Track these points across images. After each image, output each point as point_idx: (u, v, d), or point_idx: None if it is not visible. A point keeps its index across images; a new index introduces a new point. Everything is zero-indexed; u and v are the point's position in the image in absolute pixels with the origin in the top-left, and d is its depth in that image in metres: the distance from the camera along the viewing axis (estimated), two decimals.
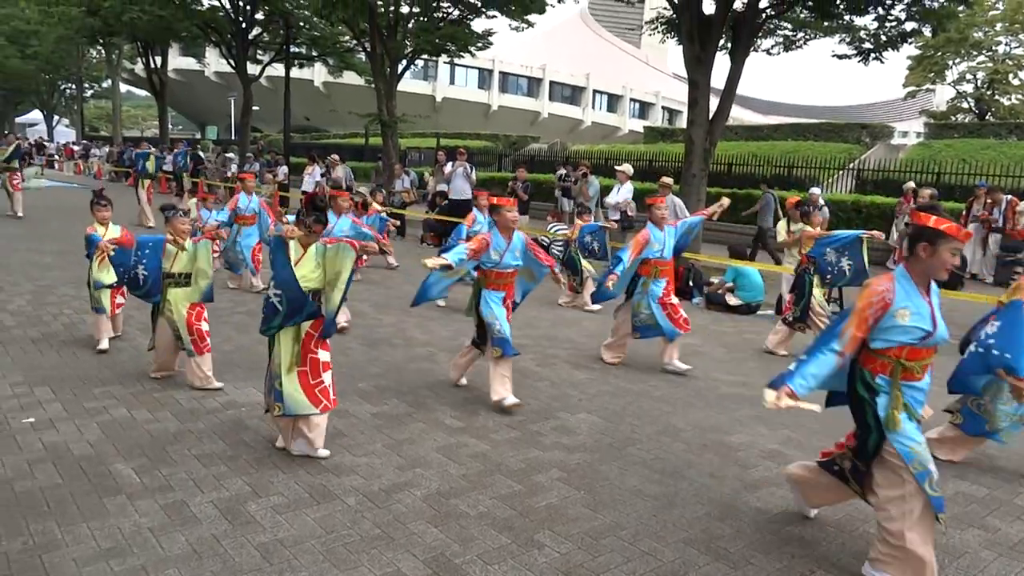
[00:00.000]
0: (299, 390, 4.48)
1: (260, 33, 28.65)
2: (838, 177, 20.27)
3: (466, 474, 4.53)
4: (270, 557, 3.51)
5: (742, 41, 13.63)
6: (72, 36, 32.43)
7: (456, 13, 20.87)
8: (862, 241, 7.45)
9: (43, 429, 4.94)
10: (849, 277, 7.49)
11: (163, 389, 5.85)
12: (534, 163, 25.78)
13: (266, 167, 24.56)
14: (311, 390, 4.52)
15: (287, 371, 4.50)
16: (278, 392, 4.50)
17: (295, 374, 4.51)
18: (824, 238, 7.69)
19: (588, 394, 6.25)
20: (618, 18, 79.63)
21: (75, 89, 52.38)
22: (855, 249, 7.44)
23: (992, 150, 23.29)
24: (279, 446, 4.75)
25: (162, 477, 4.30)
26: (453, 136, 37.42)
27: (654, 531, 3.92)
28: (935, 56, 37.70)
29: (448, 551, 3.63)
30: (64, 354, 6.69)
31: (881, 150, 26.82)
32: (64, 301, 8.73)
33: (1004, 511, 4.34)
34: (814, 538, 3.90)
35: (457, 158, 16.04)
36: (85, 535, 3.63)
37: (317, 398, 4.53)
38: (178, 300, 5.88)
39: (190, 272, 5.93)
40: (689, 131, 13.86)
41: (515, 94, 65.40)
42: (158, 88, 32.78)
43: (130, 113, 77.26)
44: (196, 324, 5.87)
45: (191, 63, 49.60)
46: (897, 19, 14.23)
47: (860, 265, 7.38)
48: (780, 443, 5.27)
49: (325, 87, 54.96)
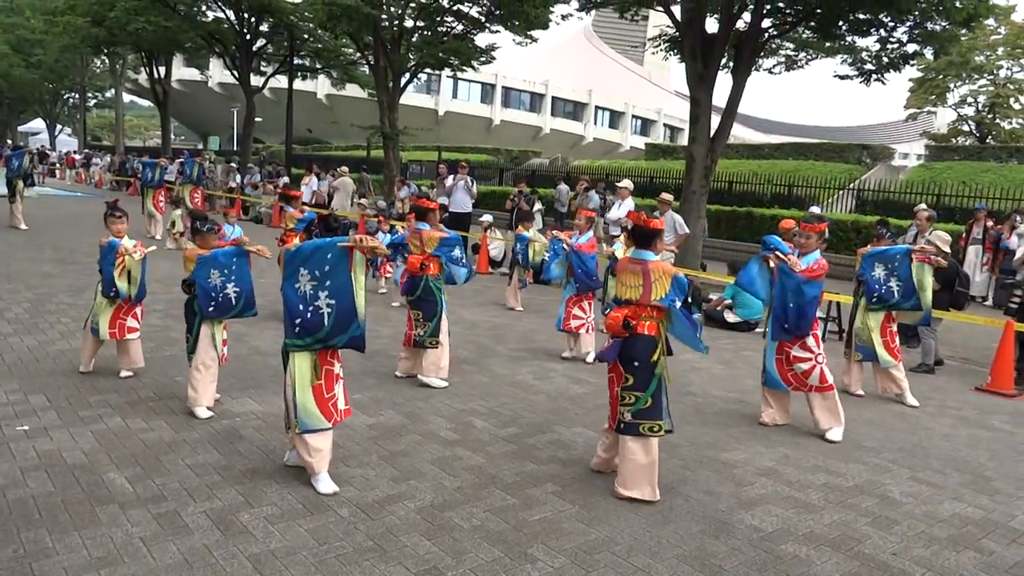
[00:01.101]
0: (314, 404, 4.33)
1: (264, 45, 28.85)
2: (838, 197, 20.34)
3: (460, 487, 4.51)
4: (262, 568, 3.49)
5: (744, 60, 13.70)
6: (76, 46, 32.60)
7: (460, 27, 21.02)
8: (911, 257, 6.87)
9: (37, 437, 4.92)
10: (897, 299, 6.90)
11: (159, 399, 5.84)
12: (535, 177, 25.87)
13: (267, 178, 24.67)
14: (325, 404, 4.38)
15: (305, 387, 4.32)
16: (296, 408, 4.33)
17: (312, 389, 4.35)
18: (874, 251, 7.18)
19: (585, 408, 6.23)
20: (621, 35, 79.93)
21: (78, 98, 52.65)
22: (904, 265, 6.85)
23: (992, 173, 23.40)
24: (289, 463, 4.65)
25: (155, 486, 4.28)
26: (455, 150, 37.60)
27: (648, 547, 3.89)
28: (936, 79, 37.93)
29: (441, 564, 3.61)
30: (60, 362, 6.68)
31: (882, 171, 26.94)
32: (62, 310, 8.72)
33: (1000, 533, 4.31)
34: (808, 557, 3.88)
35: (458, 171, 16.09)
36: (76, 544, 3.61)
37: (329, 412, 4.41)
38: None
39: None
40: (690, 148, 13.91)
41: (517, 109, 65.69)
42: (161, 98, 32.97)
43: (133, 123, 77.62)
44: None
45: (195, 74, 49.89)
46: (899, 41, 14.32)
47: (909, 286, 6.83)
48: (776, 461, 5.25)
49: (328, 99, 55.19)
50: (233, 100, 48.91)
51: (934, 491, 4.89)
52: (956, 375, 8.32)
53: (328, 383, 4.40)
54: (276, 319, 8.59)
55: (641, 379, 4.41)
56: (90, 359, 6.41)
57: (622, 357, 4.46)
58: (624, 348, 4.46)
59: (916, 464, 5.37)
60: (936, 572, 3.81)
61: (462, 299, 10.24)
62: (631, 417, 4.42)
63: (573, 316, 7.85)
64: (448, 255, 6.62)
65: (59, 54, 37.63)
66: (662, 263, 4.48)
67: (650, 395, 4.41)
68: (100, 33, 27.79)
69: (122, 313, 6.26)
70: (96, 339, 6.30)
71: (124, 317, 6.27)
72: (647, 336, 4.42)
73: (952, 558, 3.97)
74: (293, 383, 4.33)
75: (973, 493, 4.90)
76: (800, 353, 5.86)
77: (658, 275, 4.38)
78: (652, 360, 4.40)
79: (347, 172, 20.38)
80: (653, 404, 4.41)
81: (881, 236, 7.25)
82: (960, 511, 4.60)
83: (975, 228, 13.51)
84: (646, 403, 4.40)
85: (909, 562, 3.90)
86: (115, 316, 6.23)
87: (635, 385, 4.41)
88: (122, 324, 6.27)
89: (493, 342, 8.47)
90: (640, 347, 4.42)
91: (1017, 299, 8.03)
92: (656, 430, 4.41)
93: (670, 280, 4.38)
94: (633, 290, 4.44)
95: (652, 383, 4.41)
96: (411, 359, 6.75)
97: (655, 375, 4.41)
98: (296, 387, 4.31)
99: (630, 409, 4.42)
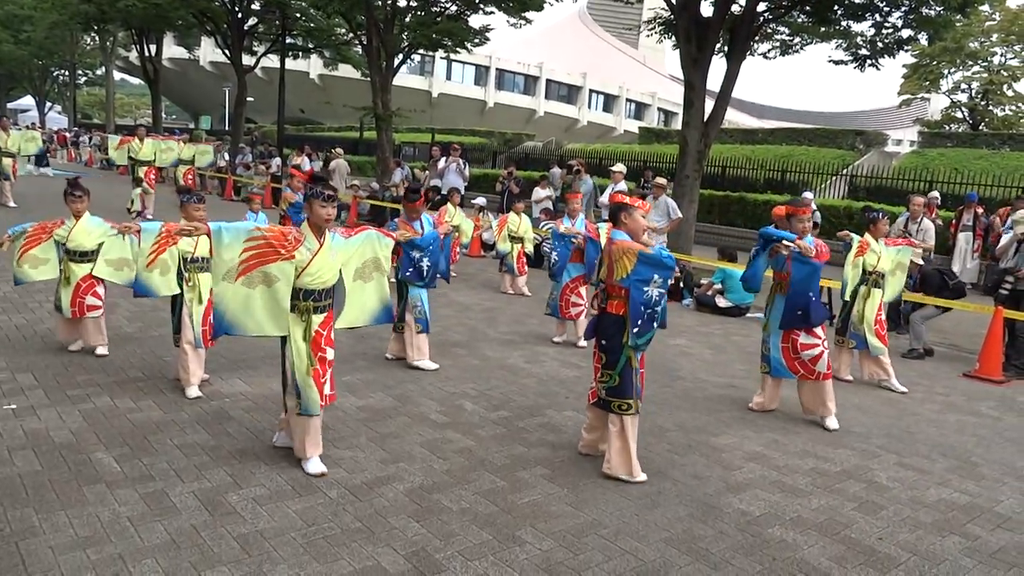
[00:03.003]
0: (314, 389, 4.27)
1: (256, 24, 28.55)
2: (831, 183, 20.33)
3: (450, 469, 4.51)
4: (249, 548, 3.48)
5: (739, 44, 13.64)
6: (66, 22, 32.17)
7: (454, 8, 20.84)
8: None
9: (24, 416, 4.90)
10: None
11: (147, 378, 5.82)
12: (528, 161, 25.78)
13: (259, 158, 24.50)
14: (321, 388, 4.32)
15: (306, 372, 4.25)
16: (298, 391, 4.27)
17: (312, 373, 4.27)
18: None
19: (575, 392, 6.24)
20: (616, 18, 79.52)
21: (68, 76, 52.14)
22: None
23: (985, 160, 23.40)
24: (278, 444, 4.64)
25: (143, 466, 4.27)
26: (448, 132, 37.37)
27: (636, 530, 3.91)
28: (930, 65, 37.84)
29: (429, 546, 3.61)
30: (48, 341, 6.64)
31: (875, 157, 26.91)
32: (51, 288, 8.58)
33: (985, 519, 4.35)
34: (795, 541, 3.90)
35: (451, 153, 16.02)
36: (63, 523, 3.60)
37: (322, 396, 4.38)
38: (203, 286, 5.54)
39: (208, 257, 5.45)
40: (684, 132, 13.88)
41: (511, 91, 65.38)
42: (152, 76, 32.58)
43: (123, 101, 76.99)
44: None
45: (186, 52, 49.40)
46: (894, 26, 14.29)
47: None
48: (764, 445, 5.27)
49: (320, 79, 54.80)
50: (225, 79, 48.47)
51: (920, 476, 4.92)
52: (945, 361, 8.36)
53: (322, 368, 4.36)
54: None
55: (611, 358, 4.47)
56: (68, 336, 6.37)
57: (597, 336, 4.57)
58: (596, 326, 4.59)
59: (903, 450, 5.39)
60: (921, 557, 3.84)
61: (455, 282, 10.21)
62: (605, 394, 4.53)
63: (572, 304, 7.78)
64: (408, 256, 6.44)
65: (48, 31, 37.10)
66: (624, 242, 4.41)
67: (618, 373, 4.45)
68: (90, 10, 27.45)
69: (81, 291, 6.18)
70: (64, 318, 6.27)
71: (83, 295, 6.19)
72: (613, 315, 4.45)
73: (937, 543, 4.00)
74: (293, 366, 4.28)
75: (959, 479, 4.93)
76: (808, 340, 5.78)
77: (619, 255, 4.34)
78: (620, 340, 4.43)
79: (341, 154, 20.26)
80: (621, 382, 4.45)
81: (875, 220, 7.07)
82: (946, 496, 4.63)
83: (965, 215, 13.53)
84: (615, 381, 4.46)
85: (895, 547, 3.92)
86: (75, 294, 6.16)
87: (606, 363, 4.50)
88: (82, 302, 6.17)
89: (485, 325, 8.46)
90: (606, 325, 4.50)
91: (1008, 286, 8.05)
92: (626, 408, 4.46)
93: (633, 258, 4.28)
94: (604, 269, 4.52)
95: (620, 362, 4.45)
96: (398, 341, 6.76)
97: (623, 354, 4.44)
98: (297, 370, 4.26)
99: (604, 386, 4.53)
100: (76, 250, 6.23)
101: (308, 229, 4.27)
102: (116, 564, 3.30)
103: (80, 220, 6.28)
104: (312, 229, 4.27)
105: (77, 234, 6.22)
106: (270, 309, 4.16)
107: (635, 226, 4.57)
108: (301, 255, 4.17)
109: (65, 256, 6.24)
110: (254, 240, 4.07)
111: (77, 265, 6.21)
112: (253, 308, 4.13)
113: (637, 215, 4.60)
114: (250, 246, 4.06)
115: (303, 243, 4.20)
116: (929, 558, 3.83)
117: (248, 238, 4.06)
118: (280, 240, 4.11)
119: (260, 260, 4.08)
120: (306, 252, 4.20)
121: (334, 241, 4.38)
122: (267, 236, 4.10)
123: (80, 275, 6.20)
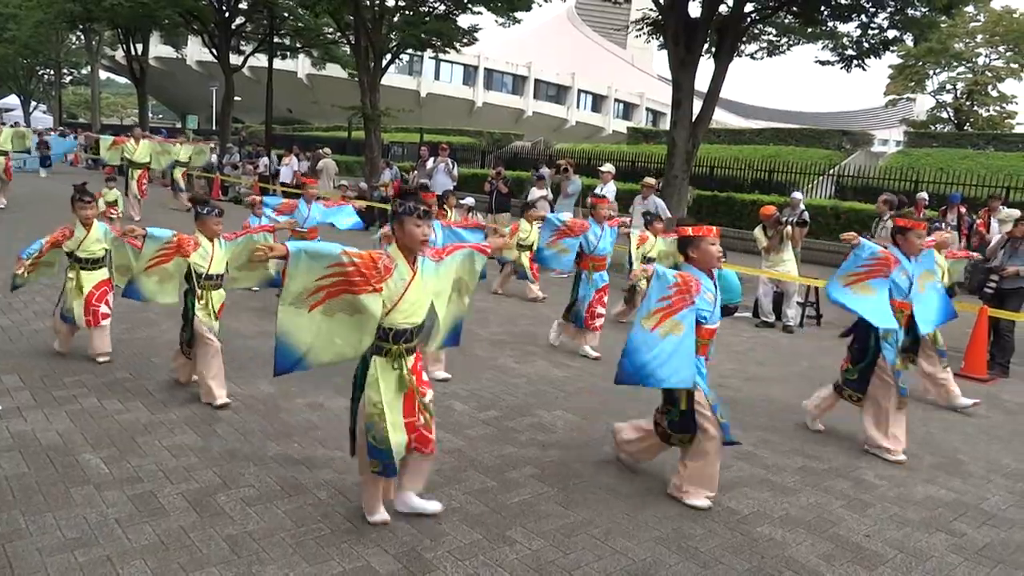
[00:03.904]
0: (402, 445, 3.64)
1: (243, 23, 28.44)
2: (818, 183, 20.44)
3: (440, 469, 4.51)
4: (239, 549, 3.47)
5: (726, 45, 13.71)
6: (51, 21, 31.88)
7: (442, 8, 20.84)
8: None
9: (10, 417, 4.86)
10: None
11: (135, 379, 5.78)
12: (517, 160, 25.77)
13: (247, 158, 24.39)
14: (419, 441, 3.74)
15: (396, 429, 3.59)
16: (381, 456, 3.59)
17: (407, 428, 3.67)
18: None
19: (565, 392, 6.25)
20: (605, 18, 79.62)
21: (53, 75, 51.75)
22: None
23: (970, 160, 23.60)
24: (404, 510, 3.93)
25: (131, 468, 4.24)
26: (437, 132, 37.33)
27: (626, 529, 3.92)
28: (916, 66, 38.14)
29: (419, 546, 3.61)
30: (34, 342, 6.60)
31: (861, 157, 27.09)
32: (36, 289, 8.57)
33: (971, 516, 4.38)
34: (784, 539, 3.92)
35: (439, 153, 16.00)
36: (50, 525, 3.58)
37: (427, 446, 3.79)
38: (215, 303, 5.48)
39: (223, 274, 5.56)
40: (672, 133, 13.92)
41: (500, 91, 65.31)
42: (138, 76, 32.41)
43: (109, 100, 76.46)
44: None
45: (173, 51, 49.13)
46: (880, 27, 14.39)
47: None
48: (753, 444, 5.29)
49: (308, 79, 54.58)
50: (212, 79, 48.13)
51: (907, 474, 4.96)
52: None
53: (423, 419, 3.75)
54: (254, 300, 8.54)
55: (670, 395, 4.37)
56: (67, 344, 6.24)
57: None
58: None
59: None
60: (908, 554, 3.86)
61: None
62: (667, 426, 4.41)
63: (597, 315, 7.43)
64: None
65: (33, 29, 36.76)
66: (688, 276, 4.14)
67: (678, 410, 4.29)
68: (75, 8, 27.25)
69: (95, 300, 6.07)
70: (72, 326, 6.12)
71: (97, 304, 6.07)
72: None
73: (924, 540, 4.03)
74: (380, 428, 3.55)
75: (946, 476, 4.97)
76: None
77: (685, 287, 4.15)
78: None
79: (329, 153, 20.20)
80: (682, 419, 4.29)
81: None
82: (933, 493, 4.67)
83: (949, 215, 13.62)
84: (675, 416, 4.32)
85: (882, 544, 3.95)
86: (88, 303, 6.04)
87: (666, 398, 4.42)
88: (95, 310, 6.06)
89: (476, 326, 8.44)
90: None
91: (993, 285, 8.11)
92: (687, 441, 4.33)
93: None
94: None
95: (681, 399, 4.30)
96: None
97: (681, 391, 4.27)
98: (379, 429, 3.54)
99: (665, 419, 4.42)
100: (88, 258, 6.09)
101: (398, 253, 3.53)
102: (104, 566, 3.28)
103: (92, 229, 6.09)
104: (403, 253, 3.54)
105: (89, 242, 6.08)
106: (351, 335, 3.47)
107: (706, 258, 4.19)
108: (391, 287, 3.46)
109: (75, 264, 6.07)
110: (339, 266, 3.34)
111: (88, 273, 6.08)
112: (332, 338, 3.45)
113: (706, 245, 4.17)
114: (331, 272, 3.34)
115: (394, 271, 3.48)
116: (916, 555, 3.86)
117: (331, 263, 3.33)
118: (369, 267, 3.37)
119: (342, 290, 3.37)
120: (398, 283, 3.48)
121: (426, 267, 3.64)
122: (355, 263, 3.34)
123: (93, 283, 6.06)
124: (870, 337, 5.26)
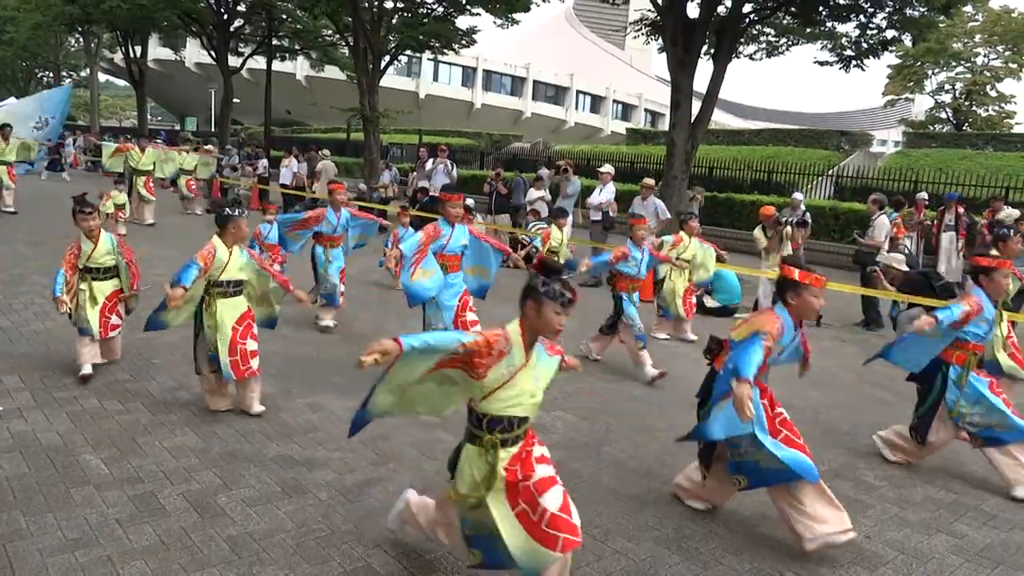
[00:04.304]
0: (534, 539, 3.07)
1: (242, 25, 28.46)
2: (817, 183, 20.45)
3: (440, 470, 4.48)
4: (239, 550, 3.47)
5: (725, 45, 13.73)
6: (50, 23, 31.88)
7: (440, 9, 20.86)
8: None
9: (11, 418, 4.86)
10: None
11: (135, 380, 5.78)
12: (516, 162, 25.78)
13: (246, 160, 24.36)
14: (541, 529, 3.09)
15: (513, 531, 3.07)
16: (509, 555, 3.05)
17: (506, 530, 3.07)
18: None
19: (565, 392, 6.24)
20: (603, 19, 79.65)
21: (52, 77, 51.72)
22: None
23: (969, 160, 23.62)
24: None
25: (131, 468, 4.24)
26: (436, 133, 37.32)
27: (626, 530, 3.92)
28: (915, 66, 38.21)
29: (420, 547, 3.61)
30: (35, 343, 6.59)
31: (860, 157, 27.11)
32: (36, 290, 8.58)
33: (971, 517, 4.38)
34: (784, 540, 3.92)
35: (438, 155, 16.02)
36: (51, 525, 3.58)
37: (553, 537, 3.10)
38: (224, 313, 5.14)
39: (240, 280, 5.23)
40: (671, 134, 13.94)
41: (499, 93, 65.38)
42: (137, 78, 32.41)
43: (108, 103, 76.36)
44: (241, 343, 5.11)
45: (172, 53, 49.15)
46: (878, 27, 14.42)
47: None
48: None
49: (307, 81, 54.59)
50: (211, 81, 48.12)
51: (907, 475, 4.96)
52: None
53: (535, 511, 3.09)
54: None
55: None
56: (87, 361, 5.85)
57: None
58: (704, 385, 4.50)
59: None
60: (908, 555, 3.87)
61: None
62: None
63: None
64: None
65: (32, 32, 36.77)
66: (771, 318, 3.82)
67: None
68: (74, 11, 27.26)
69: (108, 310, 5.94)
70: (91, 338, 5.89)
71: (109, 315, 5.95)
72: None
73: (924, 541, 4.03)
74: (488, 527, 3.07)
75: (945, 477, 4.97)
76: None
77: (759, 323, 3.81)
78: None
79: (328, 155, 20.19)
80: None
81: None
82: (933, 495, 4.67)
83: (947, 215, 13.63)
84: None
85: (882, 545, 3.95)
86: (102, 314, 5.90)
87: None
88: (107, 321, 5.93)
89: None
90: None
91: None
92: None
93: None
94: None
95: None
96: None
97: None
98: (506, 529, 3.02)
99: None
100: (99, 268, 5.96)
101: (516, 335, 3.04)
102: (105, 566, 3.28)
103: (99, 241, 5.93)
104: (524, 336, 3.04)
105: (99, 254, 5.95)
106: (435, 403, 3.21)
107: (806, 310, 3.84)
108: (496, 373, 2.99)
109: (87, 276, 5.91)
110: (452, 354, 2.95)
111: (100, 283, 5.95)
112: (415, 405, 3.21)
113: (809, 295, 3.77)
114: (442, 360, 2.97)
115: (507, 356, 3.00)
116: (916, 556, 3.86)
117: (446, 355, 2.95)
118: (485, 352, 2.95)
119: (446, 366, 3.01)
120: (505, 369, 3.01)
121: (540, 357, 3.16)
122: (471, 352, 2.95)
123: (107, 293, 5.94)
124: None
